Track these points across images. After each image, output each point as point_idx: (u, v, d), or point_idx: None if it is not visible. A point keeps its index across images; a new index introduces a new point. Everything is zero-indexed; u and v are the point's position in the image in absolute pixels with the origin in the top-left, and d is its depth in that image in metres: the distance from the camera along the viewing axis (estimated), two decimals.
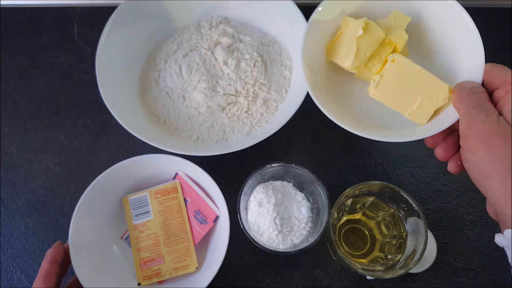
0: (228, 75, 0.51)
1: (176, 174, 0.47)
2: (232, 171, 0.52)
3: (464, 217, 0.50)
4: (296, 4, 0.51)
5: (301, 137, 0.54)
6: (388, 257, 0.42)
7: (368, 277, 0.45)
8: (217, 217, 0.45)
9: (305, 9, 0.51)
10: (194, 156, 0.45)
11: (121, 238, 0.47)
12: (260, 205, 0.43)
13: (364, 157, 0.53)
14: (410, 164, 0.52)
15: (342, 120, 0.36)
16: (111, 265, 0.45)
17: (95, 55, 0.48)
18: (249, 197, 0.45)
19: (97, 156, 0.54)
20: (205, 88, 0.50)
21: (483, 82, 0.33)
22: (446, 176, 0.52)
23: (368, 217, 0.45)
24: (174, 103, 0.52)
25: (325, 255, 0.48)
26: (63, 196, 0.52)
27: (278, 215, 0.43)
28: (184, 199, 0.47)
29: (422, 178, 0.52)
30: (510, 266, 0.27)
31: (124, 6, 0.51)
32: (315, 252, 0.48)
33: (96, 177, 0.44)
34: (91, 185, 0.44)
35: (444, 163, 0.52)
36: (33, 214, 0.51)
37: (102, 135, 0.55)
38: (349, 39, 0.38)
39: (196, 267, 0.45)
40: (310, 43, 0.39)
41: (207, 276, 0.41)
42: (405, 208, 0.42)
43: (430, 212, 0.50)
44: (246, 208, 0.45)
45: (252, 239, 0.41)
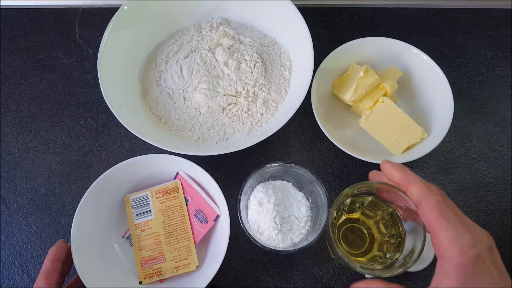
0: (229, 76, 0.52)
1: (177, 173, 0.48)
2: (233, 171, 0.52)
3: None
4: (296, 5, 0.51)
5: (300, 137, 0.54)
6: (387, 256, 0.42)
7: (367, 276, 0.46)
8: (217, 216, 0.46)
9: (305, 11, 0.51)
10: (195, 156, 0.45)
11: (123, 237, 0.47)
12: (260, 204, 0.44)
13: None
14: (408, 164, 0.53)
15: (338, 141, 0.48)
16: (113, 264, 0.45)
17: (97, 56, 0.49)
18: (249, 196, 0.45)
19: (98, 156, 0.54)
20: (206, 88, 0.50)
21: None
22: (444, 176, 0.52)
23: (367, 216, 0.45)
24: (175, 103, 0.52)
25: (324, 254, 0.48)
26: (65, 196, 0.52)
27: (278, 214, 0.43)
28: (185, 199, 0.48)
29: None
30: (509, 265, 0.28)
31: (126, 7, 0.51)
32: (314, 251, 0.48)
33: (97, 177, 0.45)
34: (93, 184, 0.44)
35: (443, 163, 0.53)
36: (35, 213, 0.51)
37: (104, 135, 0.55)
38: (352, 79, 0.51)
39: (197, 266, 0.45)
40: (321, 77, 0.51)
41: (207, 275, 0.42)
42: (404, 207, 0.42)
43: None
44: (246, 207, 0.45)
45: (252, 238, 0.41)
